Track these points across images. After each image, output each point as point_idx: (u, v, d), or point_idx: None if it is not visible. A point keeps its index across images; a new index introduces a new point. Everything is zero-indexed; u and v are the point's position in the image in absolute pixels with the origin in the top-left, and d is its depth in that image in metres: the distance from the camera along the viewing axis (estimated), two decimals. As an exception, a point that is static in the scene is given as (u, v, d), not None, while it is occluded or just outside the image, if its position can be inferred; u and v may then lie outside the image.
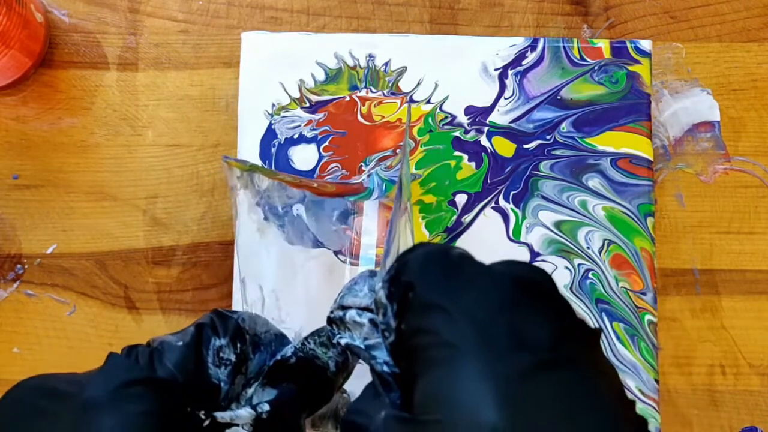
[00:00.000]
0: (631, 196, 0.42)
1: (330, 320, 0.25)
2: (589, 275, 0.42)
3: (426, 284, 0.21)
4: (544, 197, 0.43)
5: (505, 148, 0.43)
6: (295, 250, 0.39)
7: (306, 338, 0.27)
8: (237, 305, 0.41)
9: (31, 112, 0.45)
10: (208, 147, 0.45)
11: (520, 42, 0.44)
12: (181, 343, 0.24)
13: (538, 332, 0.19)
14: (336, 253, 0.41)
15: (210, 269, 0.44)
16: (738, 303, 0.44)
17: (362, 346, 0.23)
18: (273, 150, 0.43)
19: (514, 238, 0.42)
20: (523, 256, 0.42)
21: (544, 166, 0.43)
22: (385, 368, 0.22)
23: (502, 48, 0.44)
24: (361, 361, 0.25)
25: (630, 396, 0.31)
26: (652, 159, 0.43)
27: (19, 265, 0.44)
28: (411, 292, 0.21)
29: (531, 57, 0.44)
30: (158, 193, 0.45)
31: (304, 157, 0.43)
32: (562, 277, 0.42)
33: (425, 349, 0.20)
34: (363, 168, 0.43)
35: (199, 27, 0.46)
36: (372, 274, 0.25)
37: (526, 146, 0.43)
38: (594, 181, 0.43)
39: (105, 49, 0.46)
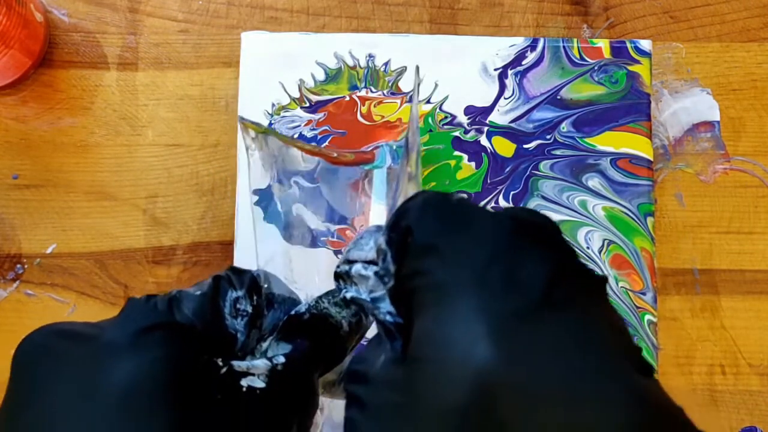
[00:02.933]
0: (631, 195, 0.42)
1: (337, 275, 0.25)
2: (589, 275, 0.42)
3: (423, 227, 0.21)
4: (543, 197, 0.43)
5: (504, 148, 0.43)
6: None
7: (320, 297, 0.28)
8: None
9: (31, 112, 0.45)
10: (207, 147, 0.45)
11: (520, 42, 0.44)
12: (199, 293, 0.25)
13: (536, 273, 0.19)
14: (336, 252, 0.41)
15: (210, 269, 0.44)
16: (738, 303, 0.44)
17: (367, 299, 0.23)
18: (273, 150, 0.43)
19: (514, 238, 0.42)
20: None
21: (544, 166, 0.43)
22: (389, 318, 0.22)
23: (502, 48, 0.44)
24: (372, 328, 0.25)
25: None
26: (652, 159, 0.43)
27: (18, 265, 0.44)
28: (409, 236, 0.21)
29: (531, 57, 0.44)
30: (158, 192, 0.45)
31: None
32: (562, 277, 0.42)
33: (420, 291, 0.20)
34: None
35: (199, 27, 0.46)
36: (378, 228, 0.25)
37: (525, 146, 0.43)
38: (594, 181, 0.43)
39: (105, 49, 0.46)
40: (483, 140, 0.43)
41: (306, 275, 0.38)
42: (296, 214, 0.40)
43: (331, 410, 0.39)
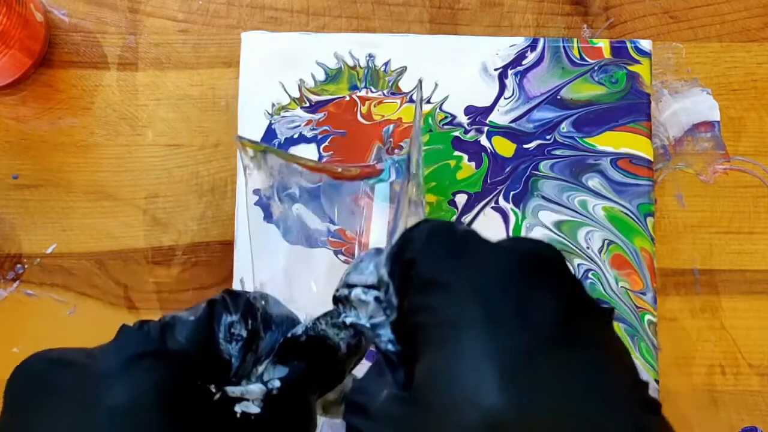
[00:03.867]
0: (631, 196, 0.42)
1: (336, 299, 0.25)
2: (589, 275, 0.42)
3: (428, 260, 0.20)
4: (544, 197, 0.43)
5: (505, 148, 0.43)
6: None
7: (317, 318, 0.27)
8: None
9: (31, 111, 0.45)
10: (208, 147, 0.45)
11: (520, 42, 0.44)
12: (192, 318, 0.25)
13: (545, 309, 0.18)
14: (336, 252, 0.41)
15: (210, 269, 0.44)
16: (738, 303, 0.44)
17: (367, 325, 0.23)
18: (273, 150, 0.43)
19: (514, 238, 0.42)
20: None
21: (544, 166, 0.43)
22: (390, 347, 0.22)
23: (502, 48, 0.44)
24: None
25: (644, 377, 0.30)
26: (652, 159, 0.43)
27: (18, 265, 0.44)
28: (413, 269, 0.21)
29: (531, 57, 0.44)
30: (158, 192, 0.45)
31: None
32: (562, 277, 0.42)
33: (426, 328, 0.20)
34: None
35: (199, 27, 0.46)
36: (378, 251, 0.24)
37: (526, 146, 0.43)
38: (594, 181, 0.43)
39: (105, 49, 0.46)
40: (483, 140, 0.43)
41: (305, 276, 0.38)
42: (296, 214, 0.40)
43: None
